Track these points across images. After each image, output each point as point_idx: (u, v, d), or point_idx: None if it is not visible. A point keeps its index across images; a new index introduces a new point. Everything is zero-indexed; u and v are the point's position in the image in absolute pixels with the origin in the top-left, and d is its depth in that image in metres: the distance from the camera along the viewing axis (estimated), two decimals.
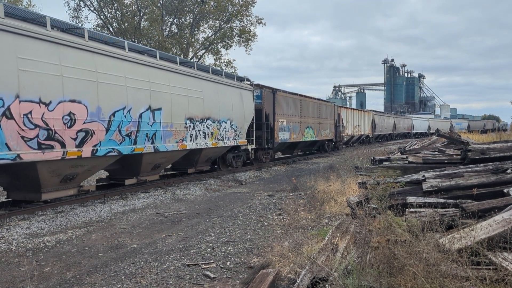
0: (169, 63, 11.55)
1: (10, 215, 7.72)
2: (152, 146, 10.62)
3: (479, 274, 3.27)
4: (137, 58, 10.23)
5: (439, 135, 10.31)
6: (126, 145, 9.77)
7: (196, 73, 12.74)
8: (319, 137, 23.81)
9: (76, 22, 27.17)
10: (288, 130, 19.57)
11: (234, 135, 15.07)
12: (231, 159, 15.66)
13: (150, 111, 10.47)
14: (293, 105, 20.33)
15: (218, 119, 13.87)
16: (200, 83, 12.88)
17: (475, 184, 5.50)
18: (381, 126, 40.07)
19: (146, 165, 11.08)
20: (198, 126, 12.67)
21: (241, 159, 16.41)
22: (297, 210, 8.15)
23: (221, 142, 14.04)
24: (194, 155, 13.19)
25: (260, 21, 31.82)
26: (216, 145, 13.72)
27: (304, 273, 3.90)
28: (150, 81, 10.52)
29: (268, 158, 18.73)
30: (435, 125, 59.28)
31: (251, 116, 16.43)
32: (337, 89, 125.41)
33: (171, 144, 11.36)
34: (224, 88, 14.37)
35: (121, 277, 4.90)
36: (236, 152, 16.06)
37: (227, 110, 14.46)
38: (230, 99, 14.71)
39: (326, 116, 25.11)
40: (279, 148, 20.63)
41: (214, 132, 13.61)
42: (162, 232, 7.02)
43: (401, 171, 7.86)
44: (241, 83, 15.87)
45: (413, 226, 4.16)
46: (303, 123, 21.42)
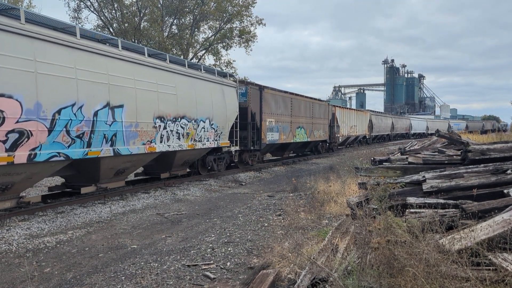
0: (135, 54, 10.32)
1: (10, 216, 7.72)
2: (112, 149, 9.24)
3: (479, 275, 3.27)
4: (92, 47, 8.81)
5: (439, 135, 10.31)
6: (77, 148, 8.36)
7: (168, 66, 11.41)
8: (311, 138, 22.69)
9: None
10: (277, 131, 18.37)
11: (215, 135, 13.69)
12: (211, 162, 14.27)
13: (109, 108, 9.08)
14: (282, 103, 19.10)
15: (195, 118, 12.49)
16: (173, 78, 11.52)
17: (475, 185, 5.50)
18: (379, 126, 39.41)
19: (107, 170, 9.73)
20: (171, 125, 11.31)
21: (224, 162, 15.11)
22: (297, 211, 8.15)
23: (198, 144, 12.68)
24: (168, 158, 11.98)
25: (260, 21, 31.87)
26: (192, 147, 12.39)
27: (304, 273, 3.90)
28: (109, 74, 9.09)
29: (255, 160, 17.45)
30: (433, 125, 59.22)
31: (234, 115, 15.04)
32: (337, 89, 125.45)
33: (136, 146, 9.99)
34: (202, 84, 13.01)
35: (121, 278, 4.90)
36: (218, 154, 14.66)
37: (206, 108, 13.08)
38: (209, 96, 13.33)
39: (319, 116, 23.97)
40: (268, 149, 19.62)
41: (190, 132, 12.26)
42: (162, 233, 7.02)
43: (401, 171, 7.86)
44: (223, 79, 14.51)
45: (413, 227, 4.16)
46: (294, 123, 20.23)
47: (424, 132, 56.53)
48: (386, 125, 42.40)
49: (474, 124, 78.44)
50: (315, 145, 24.75)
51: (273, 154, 22.22)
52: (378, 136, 39.79)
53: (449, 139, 10.29)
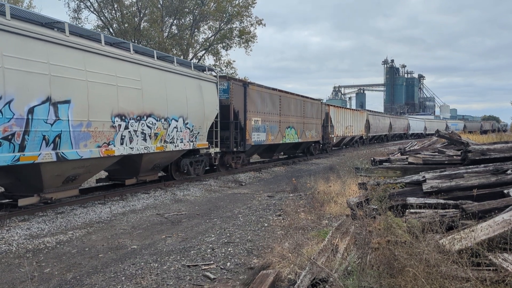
0: (88, 41, 8.86)
1: (10, 216, 7.72)
2: (55, 153, 7.80)
3: (480, 275, 3.27)
4: (27, 30, 7.39)
5: (439, 135, 10.32)
6: (4, 153, 6.97)
7: (132, 57, 9.99)
8: (303, 138, 21.35)
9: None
10: (264, 131, 17.05)
11: (190, 136, 12.33)
12: (187, 166, 12.88)
13: (50, 104, 7.69)
14: (270, 101, 17.74)
15: (165, 117, 11.10)
16: (138, 70, 10.14)
17: (475, 185, 5.50)
18: (376, 126, 38.39)
19: (52, 178, 8.30)
20: (134, 125, 9.92)
21: (202, 165, 13.70)
22: (297, 211, 8.15)
23: (170, 146, 11.33)
24: (133, 162, 10.61)
25: (260, 22, 31.89)
26: (162, 149, 11.00)
27: (304, 274, 3.90)
28: (50, 63, 7.70)
29: (239, 163, 16.14)
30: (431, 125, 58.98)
31: (214, 114, 13.63)
32: (337, 89, 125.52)
33: (89, 149, 8.59)
34: (175, 78, 11.63)
35: (121, 278, 4.90)
36: (195, 157, 13.31)
37: (179, 106, 11.70)
38: (183, 91, 11.93)
39: (311, 115, 22.60)
40: (254, 151, 18.19)
41: (160, 133, 10.88)
42: (162, 233, 7.02)
43: (401, 172, 7.87)
44: (200, 73, 13.10)
45: (413, 227, 4.17)
46: (283, 122, 18.95)
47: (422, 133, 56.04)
48: (384, 125, 41.47)
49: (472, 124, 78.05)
50: (307, 146, 23.45)
51: (261, 156, 20.86)
52: (375, 136, 38.90)
53: (449, 139, 10.30)
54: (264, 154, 20.45)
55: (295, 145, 21.72)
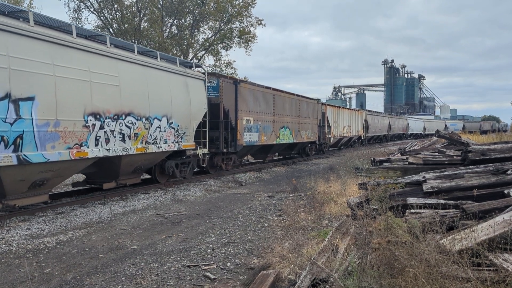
0: (56, 32, 8.12)
1: (10, 216, 7.72)
2: (15, 156, 7.08)
3: (480, 275, 3.27)
4: None
5: (439, 136, 10.32)
6: None
7: (109, 51, 9.22)
8: (298, 139, 20.61)
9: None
10: (257, 131, 16.34)
11: (175, 136, 11.55)
12: (172, 168, 11.99)
13: (10, 101, 7.02)
14: (263, 100, 17.05)
15: (147, 116, 10.31)
16: (116, 65, 9.39)
17: (475, 185, 5.50)
18: (375, 126, 37.69)
19: (14, 183, 7.50)
20: (111, 124, 9.15)
21: (189, 168, 12.87)
22: (297, 211, 8.15)
23: (152, 147, 10.55)
24: (111, 165, 9.82)
25: (260, 22, 31.92)
26: (143, 151, 10.19)
27: (305, 274, 3.90)
28: (9, 56, 7.05)
29: (230, 165, 15.44)
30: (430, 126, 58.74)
31: (202, 112, 12.88)
32: (337, 90, 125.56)
33: (57, 151, 7.79)
34: (158, 75, 10.87)
35: (122, 278, 4.90)
36: (181, 158, 12.46)
37: (163, 104, 10.95)
38: (167, 89, 11.15)
39: (307, 115, 21.83)
40: (246, 152, 17.45)
41: (140, 133, 10.06)
42: (162, 233, 7.02)
43: (402, 172, 7.86)
44: (186, 70, 12.32)
45: (413, 227, 4.16)
46: (277, 122, 18.28)
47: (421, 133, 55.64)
48: (383, 125, 40.85)
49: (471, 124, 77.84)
50: (302, 147, 22.70)
51: (255, 157, 20.05)
52: (374, 137, 38.20)
53: (449, 139, 10.30)
54: (258, 155, 19.70)
55: (290, 146, 21.08)
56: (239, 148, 15.07)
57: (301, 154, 23.17)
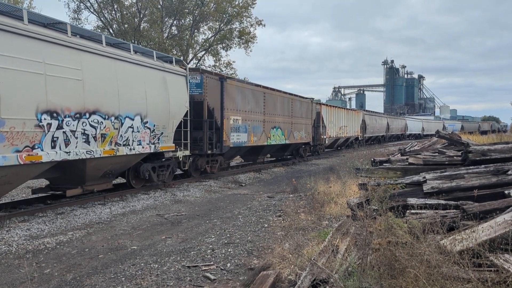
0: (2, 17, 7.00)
1: (10, 217, 7.71)
2: None
3: (481, 276, 3.26)
4: None
5: (439, 136, 10.32)
6: None
7: (69, 40, 8.12)
8: (291, 139, 19.68)
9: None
10: (246, 131, 15.36)
11: (151, 137, 10.52)
12: (148, 172, 10.91)
13: None
14: (252, 98, 16.02)
15: (117, 114, 9.23)
16: (79, 57, 8.33)
17: (476, 186, 5.50)
18: (373, 127, 36.78)
19: None
20: (71, 124, 8.08)
21: (169, 171, 11.84)
22: (297, 212, 8.14)
23: (123, 149, 9.47)
24: (75, 169, 8.76)
25: (259, 22, 31.93)
26: (112, 154, 9.14)
27: (305, 274, 3.89)
28: None
29: (216, 167, 14.35)
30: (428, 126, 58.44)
31: (182, 111, 11.89)
32: (337, 90, 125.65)
33: (1, 155, 6.83)
34: (130, 69, 9.79)
35: (122, 279, 4.89)
36: (159, 161, 11.44)
37: (136, 101, 9.89)
38: (142, 85, 10.10)
39: (300, 115, 20.86)
40: (234, 153, 16.45)
41: (109, 133, 9.03)
42: (162, 234, 7.01)
43: (402, 172, 7.86)
44: (165, 64, 11.27)
45: (414, 228, 4.16)
46: (268, 122, 17.25)
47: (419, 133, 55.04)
48: (381, 125, 39.94)
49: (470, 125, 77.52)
50: (295, 148, 21.75)
51: (245, 159, 18.89)
52: (372, 137, 37.13)
53: (449, 140, 10.30)
54: (248, 157, 18.56)
55: (282, 147, 20.09)
56: (226, 149, 14.09)
57: (295, 155, 22.23)
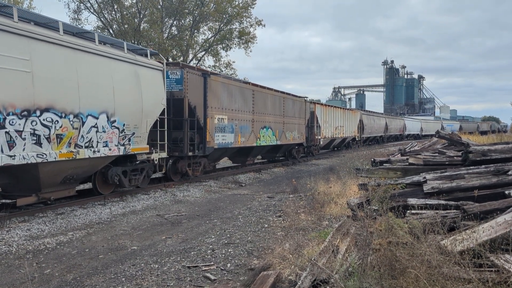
0: None
1: (10, 217, 7.70)
2: None
3: (482, 276, 3.26)
4: None
5: (440, 136, 10.31)
6: None
7: (15, 26, 7.10)
8: (283, 140, 18.68)
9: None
10: (232, 131, 14.35)
11: (121, 138, 9.44)
12: (118, 177, 9.84)
13: None
14: (240, 96, 14.98)
15: (76, 112, 8.14)
16: (28, 46, 7.31)
17: (476, 186, 5.50)
18: (371, 127, 35.67)
19: None
20: (17, 123, 7.08)
21: (143, 175, 10.79)
22: (297, 212, 8.14)
23: (85, 151, 8.39)
24: (27, 175, 7.76)
25: (259, 22, 31.94)
26: (71, 157, 8.04)
27: (305, 275, 3.89)
28: None
29: (198, 170, 13.17)
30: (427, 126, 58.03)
31: (158, 109, 10.85)
32: (337, 90, 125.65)
33: None
34: (94, 61, 8.69)
35: (122, 279, 4.89)
36: (132, 164, 10.36)
37: (101, 97, 8.81)
38: (108, 79, 9.02)
39: (293, 114, 19.90)
40: (220, 155, 15.31)
41: (67, 134, 7.97)
42: (162, 234, 7.01)
43: (402, 172, 7.86)
44: (137, 57, 10.16)
45: (414, 228, 4.16)
46: (257, 121, 16.21)
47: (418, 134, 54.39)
48: (379, 126, 38.87)
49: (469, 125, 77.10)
50: (288, 149, 20.72)
51: (233, 161, 17.88)
52: (370, 138, 36.04)
53: (449, 140, 10.29)
54: (237, 158, 17.54)
55: (273, 148, 19.03)
56: (209, 151, 13.04)
57: (287, 157, 21.19)
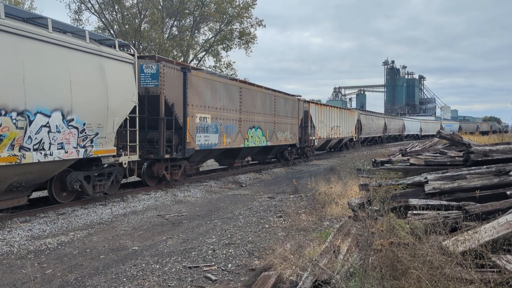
0: None
1: (11, 217, 7.70)
2: None
3: (484, 277, 3.26)
4: None
5: (441, 136, 10.30)
6: None
7: None
8: (274, 141, 17.65)
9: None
10: (216, 131, 13.30)
11: (81, 139, 8.42)
12: (79, 183, 8.80)
13: None
14: (225, 94, 13.89)
15: (21, 109, 7.11)
16: None
17: (477, 186, 5.49)
18: (369, 127, 34.70)
19: None
20: None
21: (111, 180, 9.68)
22: (298, 212, 8.13)
23: (34, 155, 7.35)
24: None
25: (260, 23, 31.90)
26: (14, 161, 7.06)
27: (306, 275, 3.88)
28: None
29: (178, 174, 12.10)
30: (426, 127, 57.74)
31: (128, 106, 9.78)
32: (337, 90, 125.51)
33: None
34: (45, 50, 7.63)
35: (123, 279, 4.89)
36: (99, 168, 9.36)
37: (55, 92, 7.78)
38: (64, 72, 7.98)
39: (285, 114, 18.93)
40: (204, 157, 14.17)
41: (8, 134, 6.96)
42: (163, 234, 7.01)
43: (403, 173, 7.84)
44: (102, 48, 9.09)
45: (416, 229, 4.15)
46: (245, 121, 15.17)
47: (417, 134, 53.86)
48: (378, 126, 37.98)
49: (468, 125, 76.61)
50: (280, 150, 19.71)
51: (220, 163, 16.92)
52: (368, 138, 34.99)
53: (450, 140, 10.28)
54: (223, 161, 16.51)
55: (264, 149, 18.01)
56: (190, 152, 11.96)
57: (279, 159, 20.14)
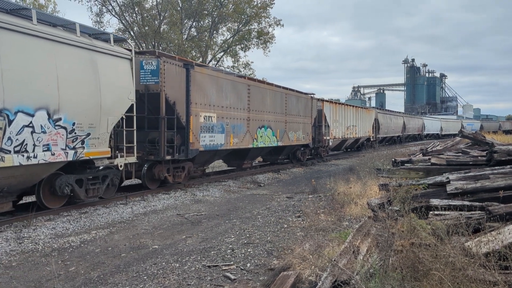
0: None
1: (36, 216, 7.93)
2: None
3: (508, 279, 3.18)
4: None
5: (463, 136, 10.08)
6: None
7: None
8: (285, 141, 16.87)
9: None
10: (223, 131, 12.64)
11: (70, 140, 7.88)
12: (70, 187, 8.29)
13: None
14: (233, 91, 13.20)
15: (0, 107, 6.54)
16: None
17: (501, 187, 5.35)
18: (387, 127, 33.84)
19: None
20: None
21: (106, 184, 9.16)
22: (317, 212, 8.10)
23: (15, 157, 6.79)
24: None
25: (278, 22, 31.86)
26: None
27: (326, 276, 3.87)
28: None
29: (181, 176, 11.56)
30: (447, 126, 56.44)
31: (124, 105, 9.26)
32: (356, 89, 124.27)
33: None
34: (28, 43, 7.09)
35: (144, 278, 4.97)
36: (93, 171, 8.82)
37: (40, 89, 7.24)
38: (51, 67, 7.45)
39: (297, 113, 18.08)
40: (210, 158, 13.42)
41: None
42: (183, 233, 7.09)
43: (424, 173, 7.71)
44: (94, 42, 8.54)
45: (437, 229, 4.08)
46: (253, 120, 14.45)
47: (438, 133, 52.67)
48: (397, 125, 37.16)
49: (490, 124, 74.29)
50: (292, 151, 18.88)
51: (228, 164, 16.19)
52: (386, 138, 34.07)
53: (473, 139, 10.05)
54: (231, 162, 15.80)
55: (275, 150, 17.31)
56: (193, 153, 11.36)
57: (291, 159, 19.41)
